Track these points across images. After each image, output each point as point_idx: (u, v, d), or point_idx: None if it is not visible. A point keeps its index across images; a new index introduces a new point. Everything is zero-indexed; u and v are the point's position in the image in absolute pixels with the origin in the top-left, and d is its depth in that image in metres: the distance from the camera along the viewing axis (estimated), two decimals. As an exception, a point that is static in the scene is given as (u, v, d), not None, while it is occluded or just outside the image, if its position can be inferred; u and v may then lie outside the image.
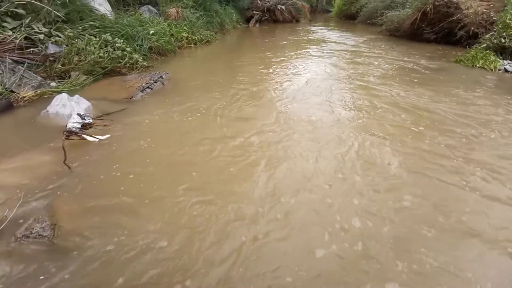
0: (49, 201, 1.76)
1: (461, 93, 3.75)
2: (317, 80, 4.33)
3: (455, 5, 6.87)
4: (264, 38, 9.19)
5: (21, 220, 1.60)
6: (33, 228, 1.49)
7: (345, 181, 2.01)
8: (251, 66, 5.30)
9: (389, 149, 2.41)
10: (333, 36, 9.23)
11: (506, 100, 3.56)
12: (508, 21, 5.49)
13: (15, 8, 3.86)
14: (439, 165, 2.21)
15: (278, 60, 5.78)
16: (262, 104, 3.41)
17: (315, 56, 6.24)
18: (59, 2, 4.11)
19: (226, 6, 10.16)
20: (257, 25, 11.92)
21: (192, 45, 6.65)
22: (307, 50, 6.97)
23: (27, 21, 3.89)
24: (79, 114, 2.37)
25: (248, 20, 12.04)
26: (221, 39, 8.16)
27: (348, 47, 7.18)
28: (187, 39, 6.53)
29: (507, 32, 5.44)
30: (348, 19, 14.15)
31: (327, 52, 6.50)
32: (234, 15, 10.69)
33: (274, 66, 5.27)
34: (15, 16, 3.91)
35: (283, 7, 12.56)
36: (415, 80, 4.32)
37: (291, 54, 6.47)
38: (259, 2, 12.31)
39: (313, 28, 11.27)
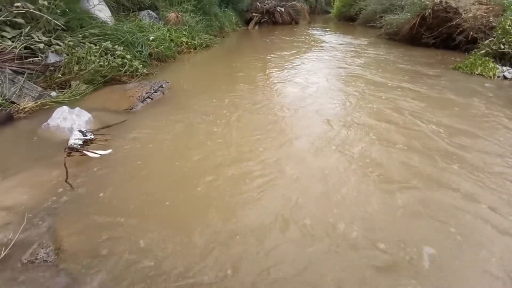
0: (52, 222, 1.76)
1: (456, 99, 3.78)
2: (317, 85, 4.41)
3: (454, 10, 6.88)
4: (263, 40, 9.19)
5: (26, 244, 1.60)
6: (37, 254, 1.50)
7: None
8: (251, 71, 5.33)
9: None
10: (331, 38, 9.25)
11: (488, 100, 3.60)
12: (507, 27, 5.47)
13: (14, 17, 3.84)
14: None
15: (277, 63, 5.87)
16: (264, 112, 3.43)
17: (313, 58, 6.34)
18: (58, 10, 4.09)
19: (226, 9, 10.15)
20: (257, 27, 11.92)
21: (192, 50, 6.64)
22: (305, 52, 7.03)
23: (26, 30, 3.87)
24: (80, 131, 2.38)
25: (247, 22, 12.03)
26: (220, 42, 8.15)
27: (345, 50, 7.24)
28: (186, 44, 6.52)
29: (506, 38, 5.43)
30: (348, 21, 14.15)
31: (325, 54, 6.52)
32: (234, 18, 10.69)
33: (273, 70, 5.37)
34: (14, 25, 3.89)
35: (282, 9, 12.57)
36: (407, 89, 4.34)
37: (289, 56, 6.54)
38: (258, 4, 12.30)
39: (312, 30, 11.28)
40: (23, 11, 3.84)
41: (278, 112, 3.47)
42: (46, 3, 4.00)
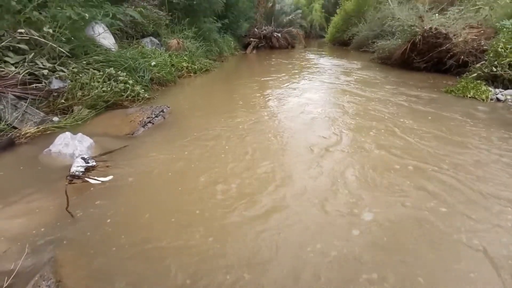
0: (53, 253, 1.72)
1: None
2: (313, 103, 4.70)
3: (444, 35, 7.18)
4: (261, 64, 9.50)
5: (27, 274, 1.55)
6: (39, 286, 1.46)
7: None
8: (249, 93, 5.48)
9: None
10: (326, 62, 9.60)
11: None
12: (500, 49, 5.52)
13: (18, 43, 3.91)
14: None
15: (274, 84, 6.13)
16: (265, 132, 3.51)
17: (308, 79, 6.69)
18: (63, 38, 4.21)
19: (225, 35, 10.54)
20: (254, 51, 12.32)
21: (192, 74, 6.81)
22: (301, 74, 7.37)
23: (30, 56, 3.95)
24: (83, 158, 2.38)
25: (245, 46, 12.46)
26: (220, 66, 8.39)
27: (338, 73, 7.51)
28: (187, 68, 6.70)
29: (499, 61, 5.49)
30: (341, 45, 14.72)
31: (320, 76, 6.74)
32: (232, 43, 11.09)
33: (271, 91, 5.62)
34: (18, 51, 3.95)
35: (279, 35, 13.07)
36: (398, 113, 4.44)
37: (286, 78, 6.84)
38: (256, 30, 12.80)
39: (307, 54, 11.69)
40: (27, 38, 3.93)
41: (279, 130, 3.59)
42: (51, 30, 4.11)
